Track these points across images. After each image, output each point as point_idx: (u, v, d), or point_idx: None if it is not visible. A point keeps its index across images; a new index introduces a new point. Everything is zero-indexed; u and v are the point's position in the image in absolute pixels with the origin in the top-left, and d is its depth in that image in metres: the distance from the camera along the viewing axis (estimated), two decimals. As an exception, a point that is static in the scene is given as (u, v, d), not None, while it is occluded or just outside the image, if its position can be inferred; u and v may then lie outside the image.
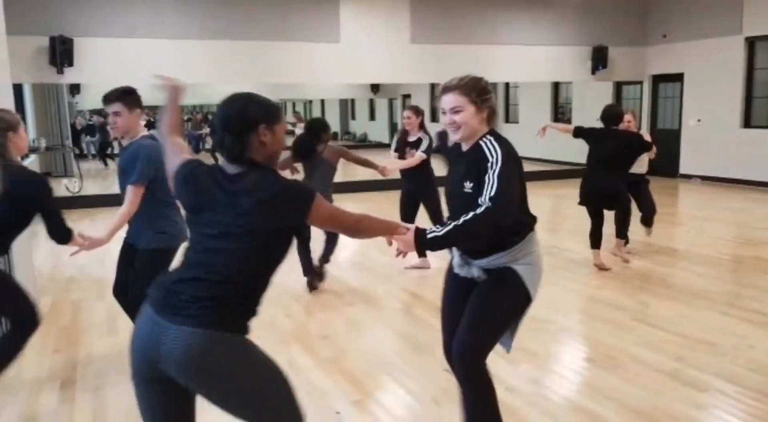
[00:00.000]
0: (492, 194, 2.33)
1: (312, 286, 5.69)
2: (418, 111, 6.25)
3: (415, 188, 6.21)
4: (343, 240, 8.50)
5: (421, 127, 6.22)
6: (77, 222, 9.69)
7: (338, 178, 6.16)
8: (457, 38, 12.39)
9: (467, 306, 2.61)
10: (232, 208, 1.95)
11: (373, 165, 5.91)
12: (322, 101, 25.78)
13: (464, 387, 2.68)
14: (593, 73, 13.50)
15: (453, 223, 2.37)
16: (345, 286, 5.93)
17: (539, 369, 3.95)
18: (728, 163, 12.32)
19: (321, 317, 5.01)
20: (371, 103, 27.20)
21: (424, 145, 6.09)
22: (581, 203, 6.26)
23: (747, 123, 12.21)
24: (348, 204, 11.23)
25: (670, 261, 6.66)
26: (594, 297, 5.38)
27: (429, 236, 2.38)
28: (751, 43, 12.05)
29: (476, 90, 2.51)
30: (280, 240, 2.04)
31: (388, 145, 30.67)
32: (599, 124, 6.18)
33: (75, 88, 17.18)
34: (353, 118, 28.84)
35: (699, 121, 12.99)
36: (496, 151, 2.44)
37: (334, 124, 24.90)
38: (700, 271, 6.19)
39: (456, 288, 2.75)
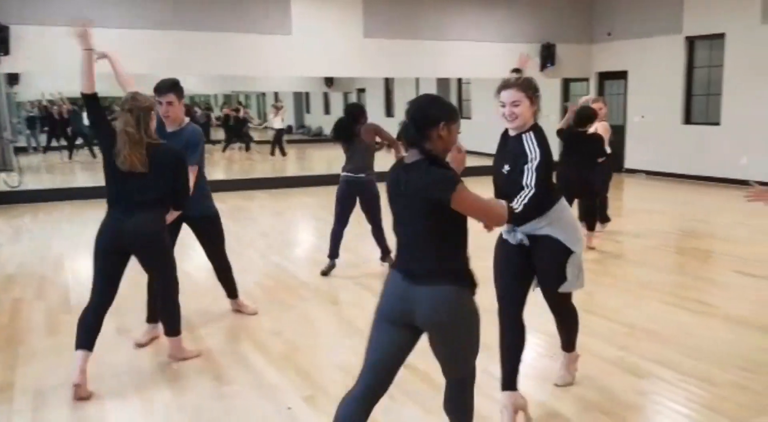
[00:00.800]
0: (533, 182, 2.94)
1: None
2: None
3: None
4: (295, 235, 8.47)
5: None
6: (17, 218, 9.40)
7: (295, 171, 6.14)
8: (409, 33, 12.45)
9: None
10: (407, 195, 2.38)
11: (398, 148, 5.72)
12: (276, 94, 25.55)
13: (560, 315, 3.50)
14: (542, 69, 13.73)
15: (510, 205, 2.83)
16: (299, 282, 5.92)
17: (490, 359, 4.01)
18: (671, 158, 12.73)
19: (274, 313, 4.99)
20: (326, 96, 27.07)
21: None
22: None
23: (688, 119, 12.63)
24: (303, 198, 11.19)
25: (615, 253, 6.85)
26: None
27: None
28: (691, 42, 12.45)
29: (531, 88, 3.11)
30: (452, 217, 2.36)
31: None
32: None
33: (13, 78, 16.54)
34: (308, 111, 28.69)
35: (643, 117, 13.38)
36: (534, 148, 3.01)
37: (288, 118, 24.72)
38: (644, 262, 6.39)
39: (508, 255, 3.24)
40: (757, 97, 11.14)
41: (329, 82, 21.86)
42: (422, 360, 3.95)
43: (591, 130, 6.64)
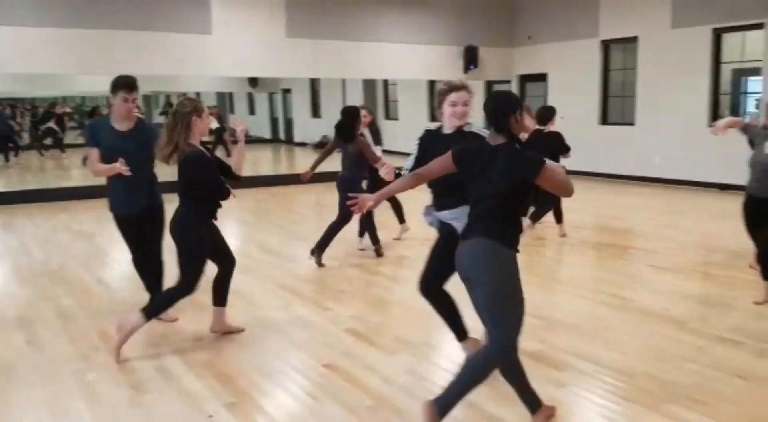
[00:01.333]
0: None
1: (378, 253, 6.66)
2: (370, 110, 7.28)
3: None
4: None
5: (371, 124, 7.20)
6: None
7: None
8: (334, 34, 12.41)
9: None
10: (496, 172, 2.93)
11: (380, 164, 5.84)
12: (198, 94, 24.98)
13: None
14: (465, 72, 13.95)
15: None
16: (221, 286, 5.78)
17: (416, 358, 4.04)
18: (589, 157, 13.16)
19: (195, 319, 4.85)
20: (250, 96, 26.66)
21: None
22: None
23: (604, 120, 13.11)
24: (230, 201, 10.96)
25: (536, 250, 7.02)
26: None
27: None
28: (606, 45, 12.94)
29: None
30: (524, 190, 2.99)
31: (270, 140, 30.37)
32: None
33: None
34: (232, 112, 28.17)
35: (562, 118, 13.72)
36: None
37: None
38: (563, 259, 6.58)
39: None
40: (667, 98, 11.68)
41: (253, 82, 21.55)
42: (345, 360, 3.96)
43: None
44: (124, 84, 4.32)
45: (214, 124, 20.65)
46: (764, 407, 3.31)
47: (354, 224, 6.93)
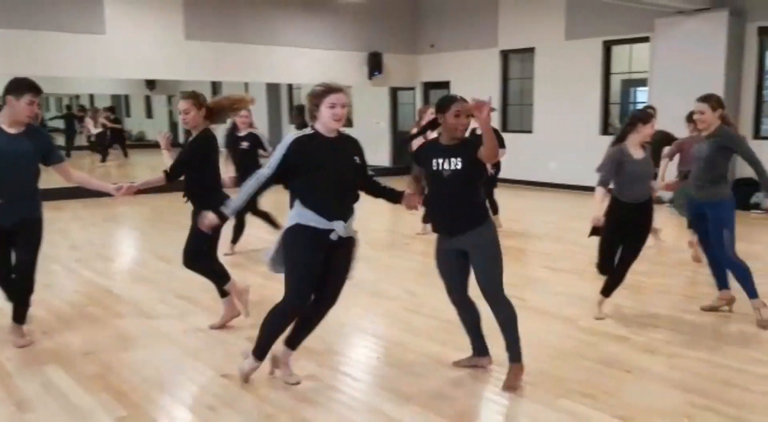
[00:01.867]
0: None
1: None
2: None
3: None
4: (112, 249, 7.89)
5: (251, 124, 6.99)
6: None
7: (115, 178, 5.72)
8: (234, 37, 12.18)
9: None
10: None
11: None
12: (91, 96, 23.86)
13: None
14: (370, 77, 14.07)
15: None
16: (115, 298, 5.52)
17: (317, 365, 3.99)
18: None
19: (85, 333, 4.60)
20: (148, 99, 25.73)
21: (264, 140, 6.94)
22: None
23: (504, 127, 13.51)
24: (123, 208, 10.51)
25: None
26: (372, 292, 5.57)
27: None
28: (505, 55, 13.39)
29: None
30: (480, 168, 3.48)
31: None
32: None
33: None
34: (128, 115, 27.07)
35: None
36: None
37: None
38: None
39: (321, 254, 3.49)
40: (563, 106, 12.21)
41: (151, 84, 20.83)
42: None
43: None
44: (32, 86, 4.10)
45: (95, 129, 19.66)
46: (648, 398, 3.48)
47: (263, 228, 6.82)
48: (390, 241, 7.95)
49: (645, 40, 11.04)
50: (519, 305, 5.03)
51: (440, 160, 3.45)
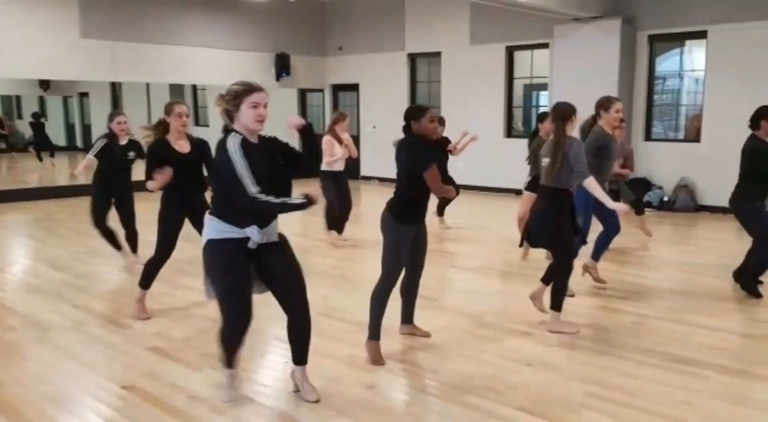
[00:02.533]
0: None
1: None
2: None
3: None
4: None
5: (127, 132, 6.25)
6: None
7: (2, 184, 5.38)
8: (135, 36, 11.75)
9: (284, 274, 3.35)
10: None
11: None
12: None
13: None
14: (278, 79, 13.92)
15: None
16: (6, 310, 5.19)
17: (222, 373, 3.89)
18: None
19: (-29, 346, 4.31)
20: (42, 100, 24.41)
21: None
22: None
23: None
24: (15, 214, 9.91)
25: (350, 256, 7.14)
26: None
27: None
28: (413, 58, 13.58)
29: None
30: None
31: (66, 148, 28.02)
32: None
33: None
34: (20, 117, 25.56)
35: (374, 127, 14.21)
36: None
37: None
38: (375, 264, 6.72)
39: (245, 265, 3.25)
40: (469, 109, 12.49)
41: (45, 84, 19.76)
42: (147, 380, 3.72)
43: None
44: None
45: None
46: (550, 390, 3.61)
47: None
48: (300, 245, 7.87)
49: (545, 46, 11.48)
50: (426, 305, 5.15)
51: None
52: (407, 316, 4.46)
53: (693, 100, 10.76)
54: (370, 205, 11.60)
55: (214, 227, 3.18)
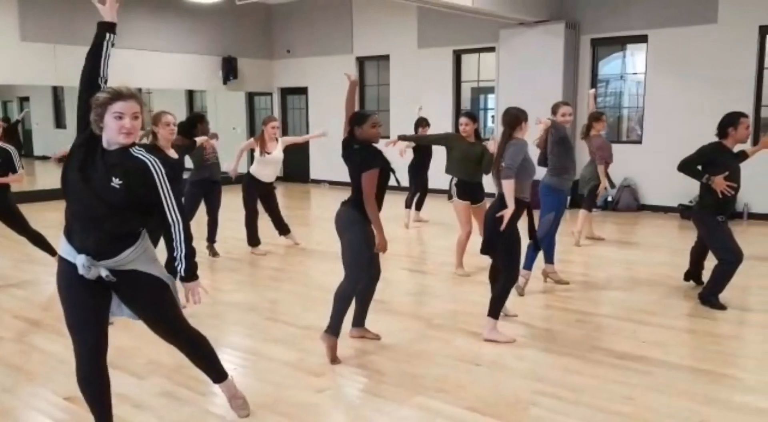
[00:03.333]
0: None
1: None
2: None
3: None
4: None
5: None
6: None
7: None
8: (76, 39, 11.39)
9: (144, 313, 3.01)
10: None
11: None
12: None
13: None
14: (225, 82, 13.76)
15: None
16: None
17: (169, 380, 3.82)
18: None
19: None
20: (-22, 106, 23.54)
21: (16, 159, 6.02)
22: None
23: (361, 133, 13.74)
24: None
25: (298, 260, 7.09)
26: (229, 302, 5.42)
27: None
28: (361, 62, 13.60)
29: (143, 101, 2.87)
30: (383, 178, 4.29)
31: None
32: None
33: None
34: (-43, 123, 24.62)
35: (324, 133, 14.13)
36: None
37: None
38: (326, 267, 6.70)
39: (87, 292, 2.79)
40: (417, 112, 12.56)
41: (-18, 88, 19.08)
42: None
43: None
44: None
45: None
46: (499, 389, 3.65)
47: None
48: (245, 250, 7.76)
49: (491, 49, 11.64)
50: (376, 308, 5.15)
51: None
52: (359, 319, 4.45)
53: (635, 102, 11.08)
54: (323, 207, 11.56)
55: (61, 243, 2.83)
